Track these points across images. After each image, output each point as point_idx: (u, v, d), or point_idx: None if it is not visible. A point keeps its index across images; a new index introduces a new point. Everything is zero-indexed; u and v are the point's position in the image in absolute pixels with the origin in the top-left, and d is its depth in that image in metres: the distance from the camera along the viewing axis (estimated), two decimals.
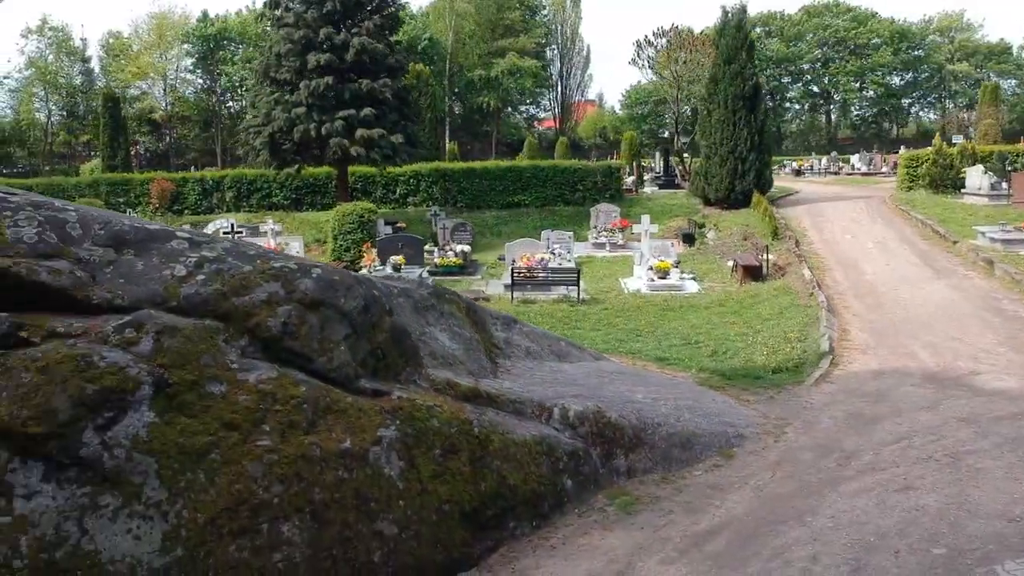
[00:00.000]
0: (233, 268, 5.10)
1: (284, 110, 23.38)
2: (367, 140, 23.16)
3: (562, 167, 29.99)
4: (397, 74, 25.08)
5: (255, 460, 4.40)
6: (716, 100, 25.33)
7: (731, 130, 24.82)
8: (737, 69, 24.84)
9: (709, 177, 25.78)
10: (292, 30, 23.31)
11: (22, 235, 4.79)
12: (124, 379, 4.25)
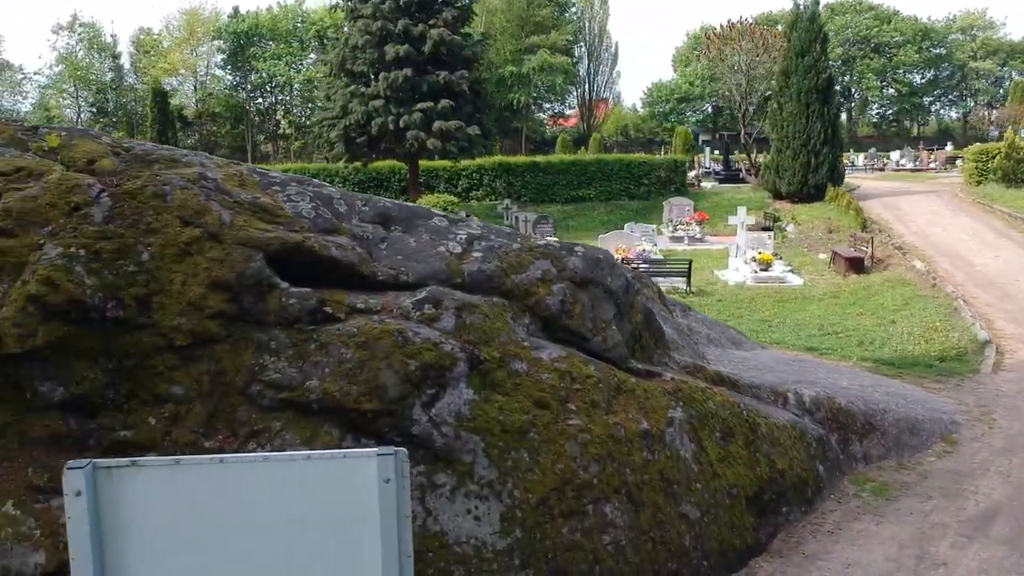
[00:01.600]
0: (503, 246, 4.96)
1: (361, 103, 23.28)
2: (444, 133, 23.05)
3: (627, 161, 29.78)
4: (472, 66, 24.94)
5: (570, 439, 4.26)
6: (788, 93, 25.08)
7: (804, 123, 24.56)
8: (811, 62, 24.58)
9: (781, 171, 25.53)
10: (369, 22, 23.19)
11: (300, 210, 4.68)
12: (441, 355, 4.12)
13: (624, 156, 31.88)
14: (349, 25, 24.79)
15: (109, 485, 1.53)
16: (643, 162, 29.89)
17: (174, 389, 3.92)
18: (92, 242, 4.04)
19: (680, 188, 28.87)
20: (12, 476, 3.64)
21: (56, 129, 5.00)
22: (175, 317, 4.01)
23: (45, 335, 3.77)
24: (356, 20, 23.92)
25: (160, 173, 4.54)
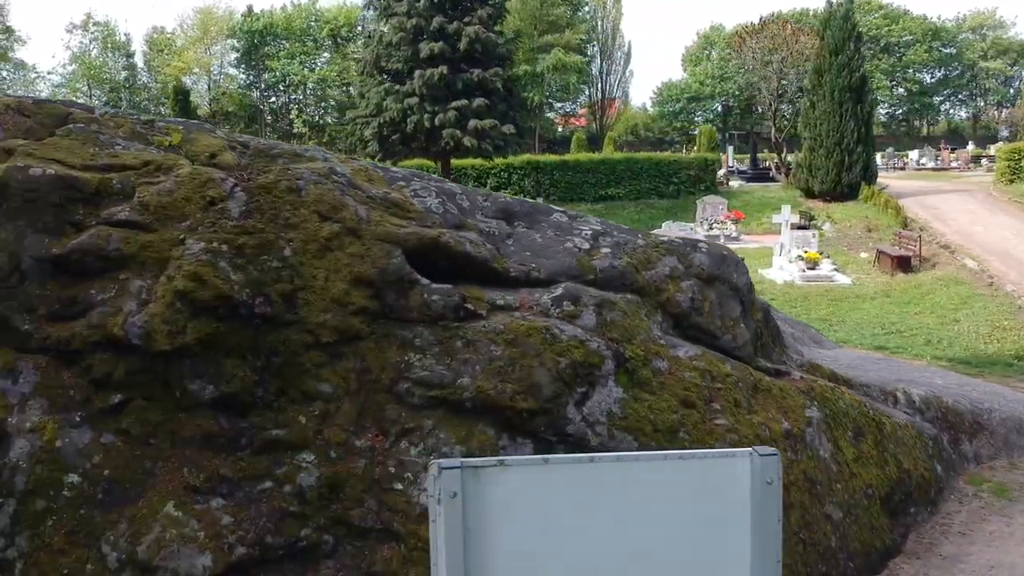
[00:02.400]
0: (628, 242, 4.87)
1: (396, 100, 23.23)
2: (479, 131, 22.99)
3: (656, 160, 29.68)
4: (506, 63, 24.86)
5: (719, 440, 4.16)
6: (820, 92, 24.95)
7: (837, 122, 24.43)
8: (844, 60, 24.44)
9: (813, 169, 25.40)
10: (404, 19, 23.14)
11: (429, 206, 4.60)
12: (589, 353, 4.03)
13: (654, 155, 31.75)
14: (382, 22, 24.73)
15: (476, 485, 1.44)
16: (673, 160, 29.77)
17: (322, 387, 3.84)
18: (234, 237, 3.96)
19: (710, 187, 28.74)
20: (168, 477, 3.56)
21: (173, 123, 4.93)
22: (320, 314, 3.93)
23: (194, 332, 3.69)
24: (390, 17, 23.87)
25: (290, 167, 4.46)
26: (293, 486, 3.58)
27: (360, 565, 3.51)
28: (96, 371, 3.63)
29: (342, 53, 54.01)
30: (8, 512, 3.31)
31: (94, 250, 3.83)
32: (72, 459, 3.44)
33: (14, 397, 3.53)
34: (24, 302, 3.79)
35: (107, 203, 4.08)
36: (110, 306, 3.74)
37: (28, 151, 4.16)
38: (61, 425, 3.51)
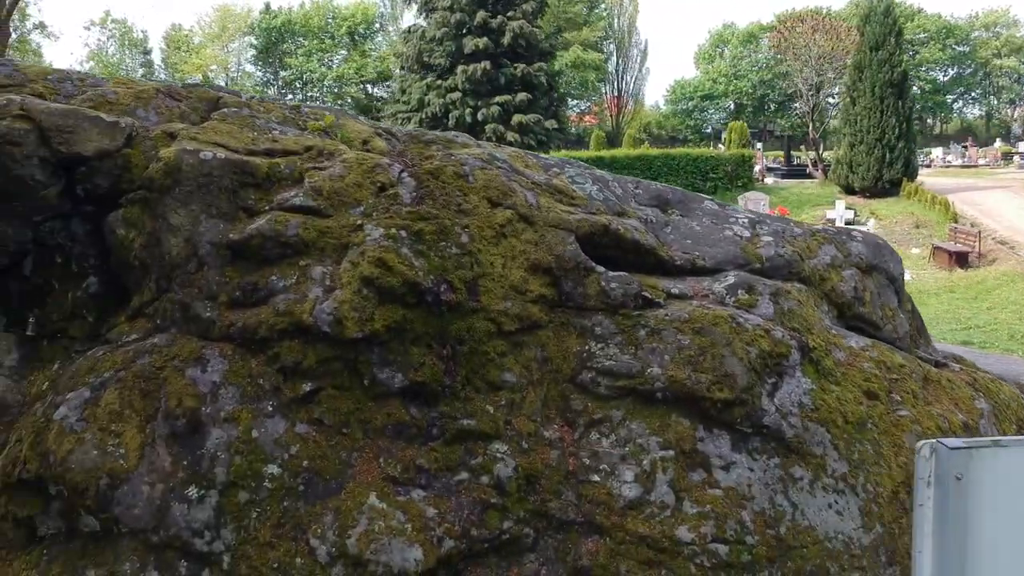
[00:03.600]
0: (786, 230, 4.75)
1: (439, 95, 23.15)
2: (523, 126, 22.88)
3: (694, 156, 29.51)
4: (548, 58, 24.75)
5: (905, 431, 4.03)
6: (861, 87, 24.76)
7: (878, 118, 24.24)
8: (885, 56, 24.25)
9: (854, 166, 25.21)
10: (447, 14, 23.05)
11: (588, 192, 4.49)
12: (775, 342, 3.91)
13: (691, 151, 31.56)
14: (422, 17, 24.61)
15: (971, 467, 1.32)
16: (710, 157, 29.59)
17: (507, 376, 3.73)
18: (411, 223, 3.86)
19: (747, 183, 28.57)
20: (366, 467, 3.46)
21: (319, 108, 4.83)
22: (500, 301, 3.82)
23: (382, 319, 3.59)
24: (432, 13, 23.76)
25: (453, 153, 4.36)
26: (491, 477, 3.47)
27: (565, 559, 3.40)
28: (285, 359, 3.53)
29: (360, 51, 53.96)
30: (211, 504, 3.21)
31: (273, 236, 3.73)
32: (270, 449, 3.34)
33: (205, 386, 3.44)
34: (204, 289, 3.69)
35: (277, 188, 3.99)
36: (294, 293, 3.64)
37: (191, 135, 4.07)
38: (255, 415, 3.41)
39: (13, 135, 3.81)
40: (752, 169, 30.02)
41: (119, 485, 3.20)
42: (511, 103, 23.03)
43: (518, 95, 22.93)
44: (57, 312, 3.98)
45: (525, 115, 22.90)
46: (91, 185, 3.91)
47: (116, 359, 3.52)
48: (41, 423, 3.38)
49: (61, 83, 4.38)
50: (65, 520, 3.24)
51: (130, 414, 3.34)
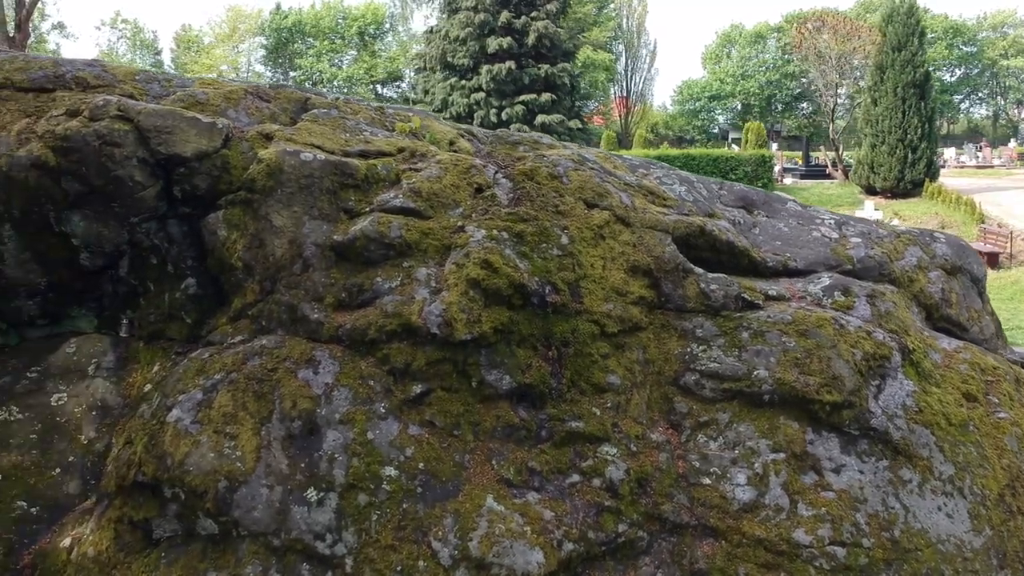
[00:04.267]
0: (871, 231, 4.74)
1: (463, 95, 23.15)
2: (546, 126, 22.87)
3: (714, 156, 29.48)
4: (572, 58, 24.73)
5: (1006, 434, 4.02)
6: (882, 88, 24.71)
7: (900, 118, 24.20)
8: (908, 56, 24.21)
9: (875, 166, 25.17)
10: (471, 14, 23.05)
11: (678, 193, 4.47)
12: (877, 344, 3.89)
13: (711, 151, 31.53)
14: (445, 18, 24.60)
15: None
16: (730, 157, 29.55)
17: (611, 378, 3.72)
18: (511, 224, 3.85)
19: (768, 184, 28.53)
20: (479, 470, 3.45)
21: (402, 109, 4.82)
22: (602, 303, 3.81)
23: (489, 321, 3.58)
24: (454, 13, 23.74)
25: (544, 154, 4.35)
26: (603, 480, 3.46)
27: (681, 562, 3.38)
28: (394, 361, 3.52)
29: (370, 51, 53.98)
30: (331, 507, 3.20)
31: (377, 237, 3.73)
32: (386, 451, 3.33)
33: (318, 388, 3.43)
34: (311, 290, 3.69)
35: (375, 189, 3.98)
36: (400, 294, 3.63)
37: (287, 136, 4.06)
38: (368, 416, 3.40)
39: (113, 136, 3.80)
40: (772, 170, 29.96)
41: (238, 488, 3.19)
42: (535, 103, 23.03)
43: (542, 95, 22.93)
44: (155, 313, 3.98)
45: (549, 115, 22.88)
46: (189, 186, 3.90)
47: (225, 361, 3.51)
48: (154, 426, 3.37)
49: (148, 83, 4.38)
50: (182, 523, 3.23)
51: (244, 416, 3.34)
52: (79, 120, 3.86)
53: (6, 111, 4.09)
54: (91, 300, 4.15)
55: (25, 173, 3.78)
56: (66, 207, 3.87)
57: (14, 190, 3.80)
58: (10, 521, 3.44)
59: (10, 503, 3.49)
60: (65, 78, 4.24)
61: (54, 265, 4.00)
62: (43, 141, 3.84)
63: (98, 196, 3.87)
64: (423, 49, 26.01)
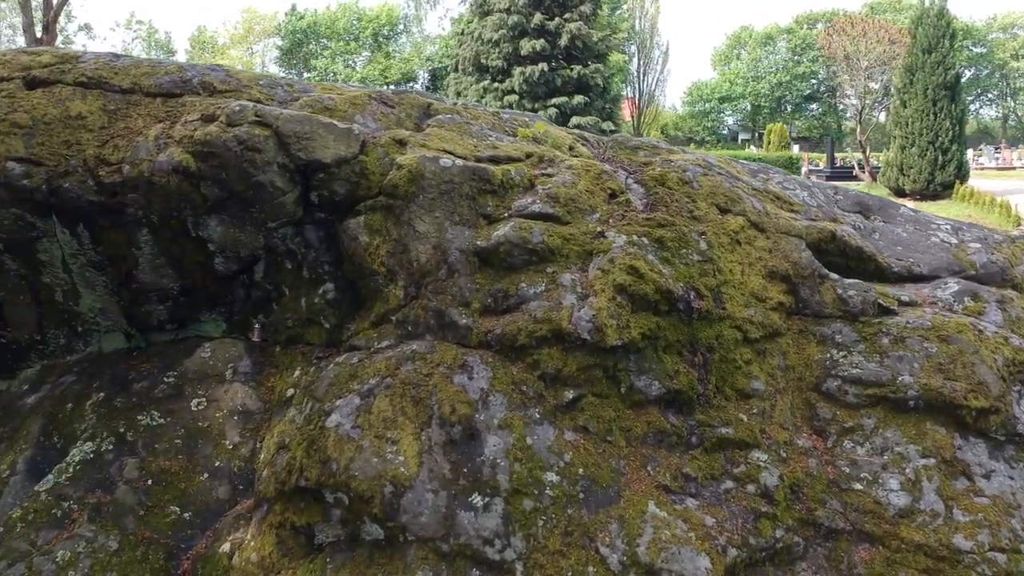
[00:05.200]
0: (987, 236, 4.73)
1: (496, 98, 23.15)
2: (579, 128, 22.82)
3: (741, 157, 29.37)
4: (605, 60, 24.73)
5: None
6: (912, 90, 24.67)
7: (930, 120, 24.15)
8: (938, 58, 24.16)
9: (905, 168, 25.13)
10: (504, 16, 23.03)
11: (802, 198, 4.47)
12: (1016, 350, 3.91)
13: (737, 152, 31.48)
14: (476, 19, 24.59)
15: None
16: (759, 159, 29.49)
17: (754, 384, 3.72)
18: (650, 230, 3.85)
19: None
20: (636, 476, 3.45)
21: (518, 115, 4.83)
22: (743, 308, 3.81)
23: (637, 327, 3.59)
24: (488, 15, 23.74)
25: (670, 159, 4.35)
26: (757, 486, 3.46)
27: (838, 567, 3.38)
28: (545, 366, 3.53)
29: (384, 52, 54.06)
30: (497, 512, 3.20)
31: (520, 243, 3.73)
32: (545, 457, 3.33)
33: (474, 393, 3.43)
34: (457, 296, 3.69)
35: (511, 195, 3.99)
36: (546, 300, 3.64)
37: (420, 142, 4.07)
38: (526, 422, 3.41)
39: (254, 141, 3.82)
40: (800, 172, 29.89)
41: (403, 493, 3.19)
42: (567, 105, 23.02)
43: (575, 97, 22.93)
44: (292, 318, 3.99)
45: (582, 117, 22.87)
46: (327, 192, 3.91)
47: (379, 366, 3.52)
48: (311, 431, 3.38)
49: (272, 88, 4.40)
50: (346, 528, 3.24)
51: (404, 421, 3.34)
52: (217, 125, 3.87)
53: (137, 116, 4.12)
54: (221, 305, 4.17)
55: (166, 178, 3.79)
56: (204, 212, 3.89)
57: (154, 195, 3.82)
58: (166, 526, 3.46)
59: (164, 508, 3.51)
60: (192, 83, 4.25)
61: (188, 270, 4.02)
62: (182, 146, 3.85)
63: (236, 201, 3.88)
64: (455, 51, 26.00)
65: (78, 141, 3.97)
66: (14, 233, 3.93)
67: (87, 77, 4.19)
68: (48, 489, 3.51)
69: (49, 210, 3.89)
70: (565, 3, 24.03)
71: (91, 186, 3.86)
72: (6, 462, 3.74)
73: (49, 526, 3.40)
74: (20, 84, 4.18)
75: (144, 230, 3.91)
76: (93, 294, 4.08)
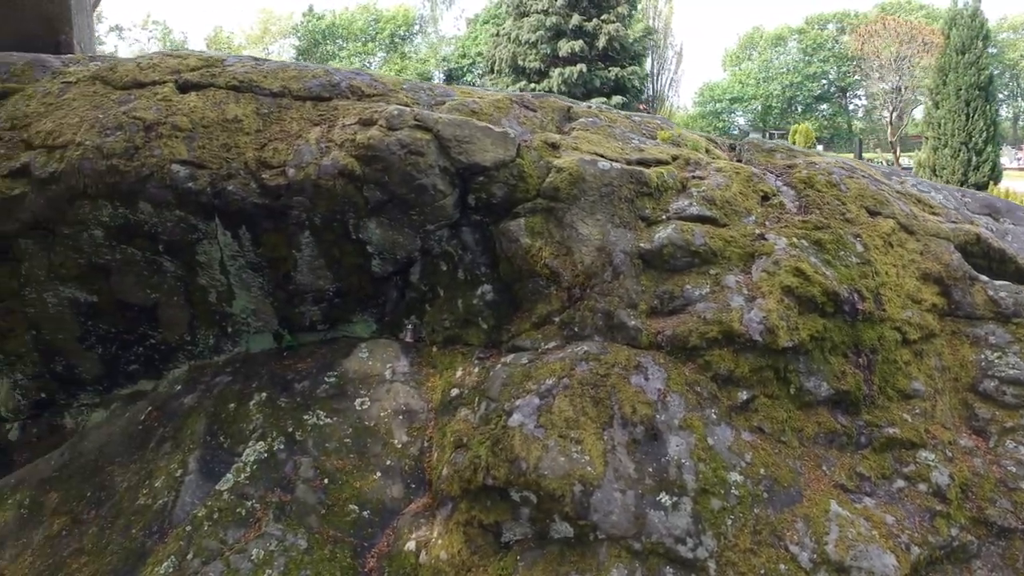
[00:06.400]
0: None
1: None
2: None
3: None
4: (640, 61, 24.80)
5: None
6: (945, 91, 24.68)
7: (964, 121, 24.16)
8: (972, 59, 24.17)
9: (938, 169, 25.13)
10: (542, 17, 23.12)
11: (939, 200, 4.50)
12: None
13: None
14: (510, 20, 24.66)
15: None
16: None
17: (915, 385, 3.76)
18: (808, 232, 3.90)
19: None
20: (813, 475, 3.50)
21: (648, 118, 4.87)
22: (901, 310, 3.85)
23: (805, 328, 3.63)
24: (523, 16, 23.81)
25: (816, 162, 4.39)
26: (929, 485, 3.50)
27: (1015, 566, 3.42)
28: (717, 367, 3.57)
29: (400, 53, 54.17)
30: (686, 511, 3.25)
31: (683, 245, 3.78)
32: (726, 457, 3.38)
33: (652, 394, 3.48)
34: (624, 297, 3.74)
35: (665, 197, 4.03)
36: (713, 301, 3.69)
37: (572, 145, 4.12)
38: (704, 422, 3.45)
39: (416, 145, 3.87)
40: None
41: (592, 492, 3.24)
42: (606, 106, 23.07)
43: (612, 98, 22.98)
44: (449, 319, 4.05)
45: None
46: (485, 194, 3.96)
47: (553, 367, 3.57)
48: (495, 431, 3.43)
49: (416, 92, 4.45)
50: (534, 526, 3.29)
51: (585, 421, 3.39)
52: (378, 129, 3.93)
53: (290, 119, 4.18)
54: (372, 306, 4.23)
55: (332, 181, 3.85)
56: (365, 215, 3.95)
57: (320, 198, 3.88)
58: (347, 525, 3.51)
59: (343, 506, 3.56)
60: (340, 87, 4.31)
61: (346, 272, 4.08)
62: (344, 150, 3.91)
63: (396, 204, 3.94)
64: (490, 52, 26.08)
65: (236, 144, 4.03)
66: (175, 235, 3.99)
67: (238, 81, 4.25)
68: (229, 488, 3.57)
69: (212, 212, 3.95)
70: (602, 4, 24.07)
71: (254, 188, 3.91)
72: (176, 461, 3.80)
73: (235, 525, 3.46)
74: (173, 88, 4.24)
75: (306, 232, 3.97)
76: (248, 295, 4.14)
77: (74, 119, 4.16)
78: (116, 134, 3.95)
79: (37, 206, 3.97)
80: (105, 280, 4.10)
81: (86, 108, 4.23)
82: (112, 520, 3.69)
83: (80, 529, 3.79)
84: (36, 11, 5.27)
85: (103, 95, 4.31)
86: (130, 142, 3.92)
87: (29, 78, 4.66)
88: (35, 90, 4.51)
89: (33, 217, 4.00)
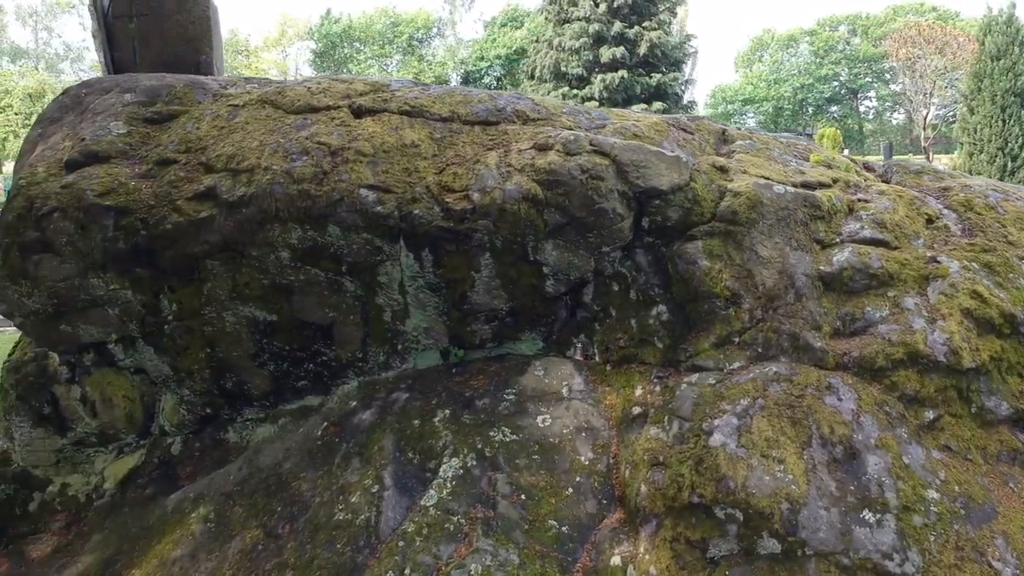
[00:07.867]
0: None
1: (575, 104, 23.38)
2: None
3: None
4: (680, 67, 24.96)
5: None
6: (980, 97, 24.76)
7: (1000, 127, 24.24)
8: (1008, 65, 24.25)
9: (972, 174, 25.21)
10: (584, 24, 23.28)
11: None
12: None
13: None
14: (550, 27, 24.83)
15: None
16: None
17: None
18: (977, 255, 4.02)
19: None
20: (1002, 492, 3.61)
21: (791, 138, 4.98)
22: None
23: (985, 349, 3.74)
24: (566, 23, 23.97)
25: (970, 184, 4.50)
26: None
27: None
28: (903, 387, 3.69)
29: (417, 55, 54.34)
30: (890, 527, 3.36)
31: (862, 268, 3.90)
32: (922, 475, 3.49)
33: (847, 414, 3.60)
34: (808, 319, 3.86)
35: (835, 220, 4.15)
36: (895, 323, 3.80)
37: (741, 168, 4.23)
38: (898, 441, 3.56)
39: (596, 170, 4.00)
40: None
41: (799, 509, 3.36)
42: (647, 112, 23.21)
43: (653, 104, 23.13)
44: (623, 338, 4.16)
45: None
46: (661, 217, 4.08)
47: (746, 387, 3.69)
48: (695, 450, 3.55)
49: (576, 116, 4.58)
50: (741, 543, 3.40)
51: (785, 441, 3.51)
52: (556, 154, 4.05)
53: (463, 144, 4.30)
54: (541, 325, 4.35)
55: (516, 205, 3.97)
56: (543, 237, 4.07)
57: (503, 221, 4.00)
58: (549, 540, 3.63)
59: (543, 522, 3.68)
60: (505, 111, 4.44)
61: (520, 292, 4.20)
62: (525, 174, 4.03)
63: (574, 227, 4.06)
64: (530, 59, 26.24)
65: (416, 168, 4.15)
66: (360, 257, 4.11)
67: (409, 106, 4.38)
68: (434, 504, 3.69)
69: (398, 235, 4.07)
70: (643, 11, 24.23)
71: (438, 212, 4.04)
72: (369, 477, 3.92)
73: (445, 540, 3.58)
74: (348, 113, 4.37)
75: (486, 254, 4.09)
76: (423, 314, 4.27)
77: (253, 143, 4.29)
78: (303, 159, 4.08)
79: (226, 228, 4.10)
80: (286, 300, 4.23)
81: (262, 132, 4.36)
82: (311, 535, 3.82)
83: (277, 544, 3.91)
84: (180, 33, 5.42)
85: (276, 119, 4.44)
86: (318, 167, 4.05)
87: (191, 100, 4.80)
88: (201, 112, 4.65)
89: (222, 239, 4.13)
